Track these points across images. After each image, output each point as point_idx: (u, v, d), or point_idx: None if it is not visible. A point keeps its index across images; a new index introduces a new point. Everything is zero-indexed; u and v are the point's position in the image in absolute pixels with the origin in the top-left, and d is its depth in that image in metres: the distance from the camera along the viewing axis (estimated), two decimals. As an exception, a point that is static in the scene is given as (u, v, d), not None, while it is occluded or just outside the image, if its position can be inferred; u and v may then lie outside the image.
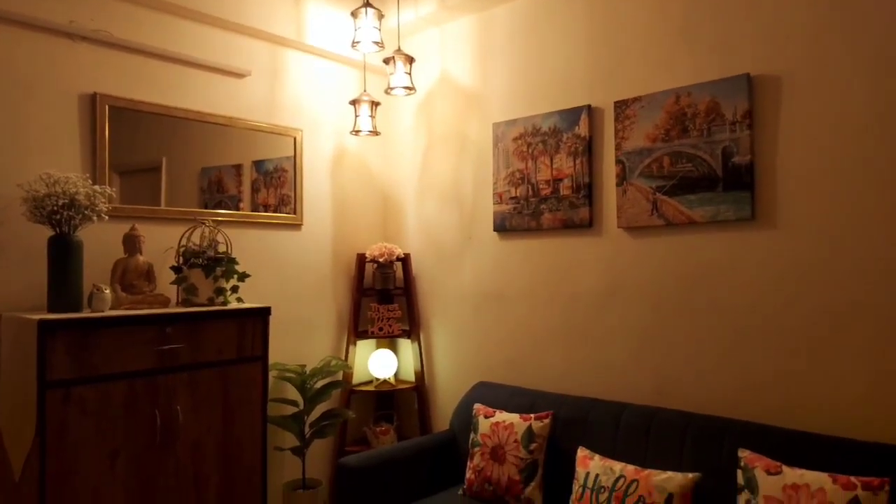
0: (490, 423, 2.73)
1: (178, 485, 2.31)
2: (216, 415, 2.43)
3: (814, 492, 1.85)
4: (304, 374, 2.95)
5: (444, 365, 3.41)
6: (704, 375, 2.47)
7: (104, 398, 2.13)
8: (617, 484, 2.26)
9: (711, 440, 2.26)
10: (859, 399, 2.12)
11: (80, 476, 2.07)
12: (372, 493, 2.62)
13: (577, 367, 2.87)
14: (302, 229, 3.25)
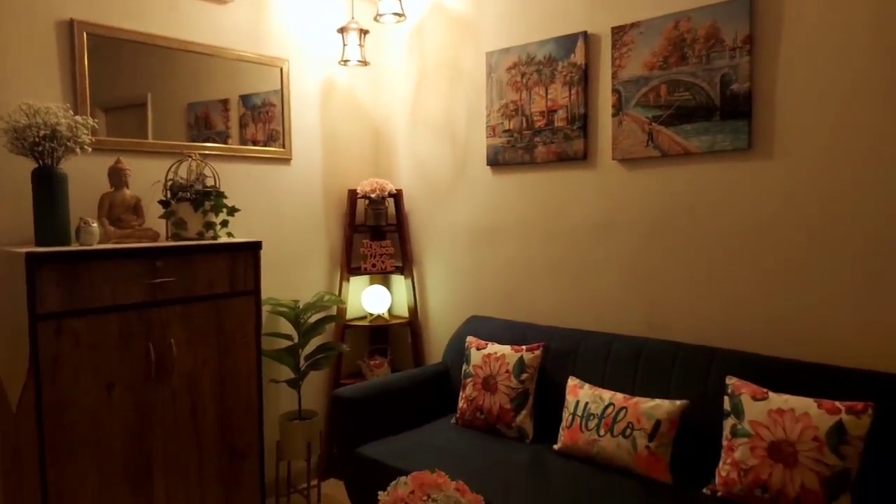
0: (482, 355, 2.77)
1: (175, 416, 2.34)
2: (210, 348, 2.44)
3: (799, 416, 1.89)
4: (298, 309, 2.96)
5: (437, 300, 3.43)
6: (695, 307, 2.49)
7: (97, 331, 2.13)
8: (606, 411, 2.31)
9: (699, 369, 2.29)
10: (847, 327, 2.14)
11: (78, 406, 2.09)
12: (366, 422, 2.68)
13: (568, 300, 2.89)
14: (291, 164, 3.20)
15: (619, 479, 2.19)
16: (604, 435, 2.28)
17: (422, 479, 1.60)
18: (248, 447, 2.57)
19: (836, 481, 1.78)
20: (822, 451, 1.81)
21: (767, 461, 1.89)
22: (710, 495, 2.05)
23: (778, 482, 1.85)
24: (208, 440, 2.44)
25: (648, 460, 2.17)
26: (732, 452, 1.99)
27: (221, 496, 2.48)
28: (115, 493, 2.18)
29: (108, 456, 2.16)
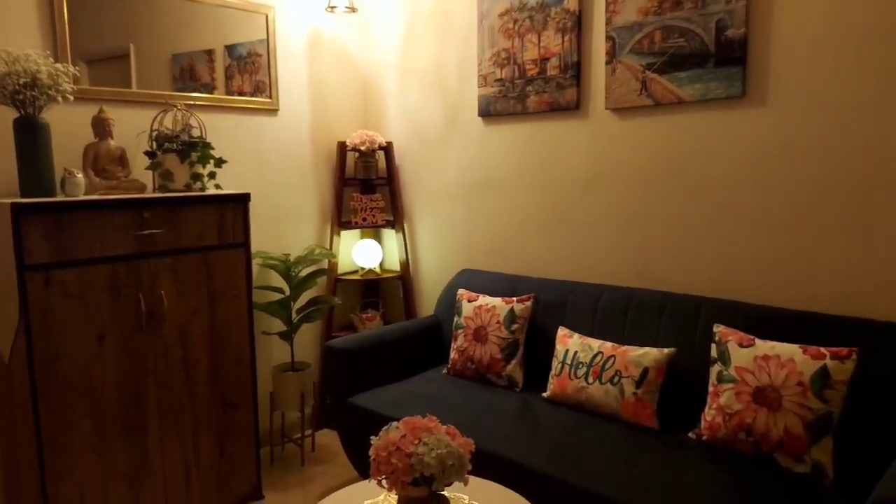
0: (473, 307, 2.79)
1: (167, 366, 2.35)
2: (201, 300, 2.44)
3: (784, 361, 1.92)
4: (289, 262, 2.96)
5: (428, 254, 3.43)
6: (685, 257, 2.50)
7: (86, 282, 2.12)
8: (594, 360, 2.34)
9: (687, 317, 2.32)
10: (835, 275, 2.16)
11: (70, 357, 2.09)
12: (359, 373, 2.70)
13: (559, 252, 2.89)
14: (278, 115, 3.14)
15: (607, 424, 2.23)
16: (592, 382, 2.31)
17: (413, 423, 1.62)
18: (241, 397, 2.59)
19: (818, 424, 1.82)
20: (806, 396, 1.85)
21: (752, 406, 1.93)
22: (695, 439, 2.10)
23: (762, 426, 1.90)
24: (201, 390, 2.46)
25: (635, 406, 2.21)
26: (718, 398, 2.03)
27: (216, 445, 2.52)
28: (109, 443, 2.21)
29: (101, 406, 2.18)
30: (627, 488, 1.80)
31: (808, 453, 1.83)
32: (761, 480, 1.82)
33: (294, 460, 3.07)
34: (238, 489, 2.62)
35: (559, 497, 1.90)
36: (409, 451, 1.53)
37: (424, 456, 1.51)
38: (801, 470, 1.85)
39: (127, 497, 2.27)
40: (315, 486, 2.81)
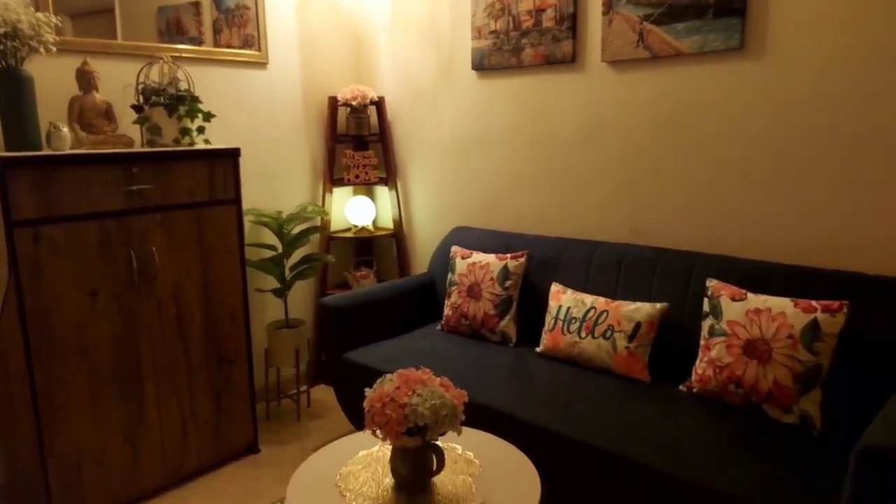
0: (467, 264, 2.78)
1: (161, 323, 2.35)
2: (193, 257, 2.43)
3: (775, 315, 1.93)
4: (281, 220, 2.93)
5: (421, 211, 3.41)
6: (679, 213, 2.50)
7: (76, 238, 2.10)
8: (588, 315, 2.36)
9: (681, 273, 2.32)
10: (830, 230, 2.16)
11: (61, 313, 2.09)
12: (353, 330, 2.71)
13: (553, 209, 2.88)
14: (268, 69, 3.07)
15: (599, 377, 2.25)
16: (585, 337, 2.33)
17: (407, 375, 1.63)
18: (236, 353, 2.60)
19: (807, 376, 1.85)
20: (796, 348, 1.86)
21: (742, 358, 1.95)
22: (685, 392, 2.13)
23: (752, 378, 1.92)
24: (196, 347, 2.47)
25: (627, 360, 2.23)
26: (709, 351, 2.05)
27: (212, 400, 2.54)
28: (104, 398, 2.22)
29: (95, 362, 2.18)
30: (617, 439, 1.83)
31: (796, 404, 1.86)
32: (750, 430, 1.85)
33: (290, 415, 3.10)
34: (235, 443, 2.65)
35: (551, 448, 1.93)
36: (403, 402, 1.54)
37: (418, 406, 1.52)
38: (789, 420, 1.88)
39: (125, 451, 2.29)
40: (311, 439, 2.85)
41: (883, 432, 1.44)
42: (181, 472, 2.48)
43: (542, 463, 1.93)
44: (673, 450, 1.76)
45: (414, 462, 1.57)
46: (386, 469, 1.68)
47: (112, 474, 2.27)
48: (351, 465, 1.71)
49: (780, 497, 1.54)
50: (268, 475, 2.55)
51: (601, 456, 1.81)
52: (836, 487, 1.57)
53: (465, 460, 1.71)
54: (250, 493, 2.43)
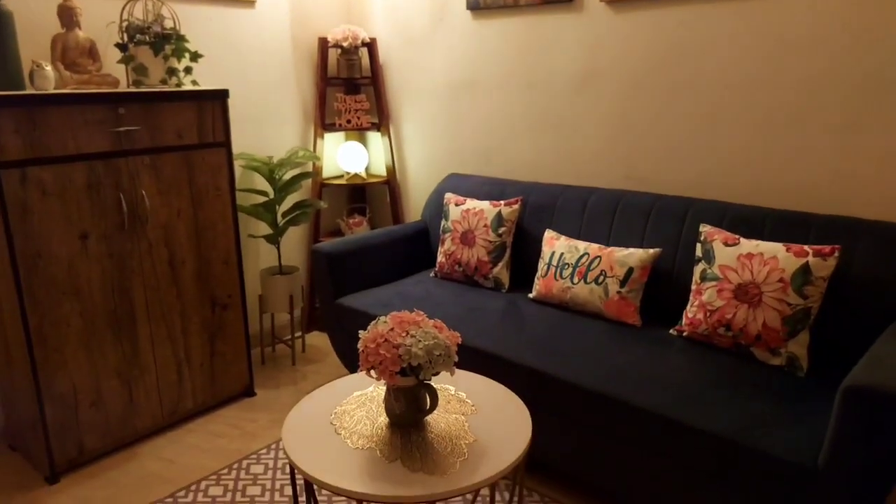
0: (461, 211, 2.77)
1: (153, 266, 2.34)
2: (184, 200, 2.40)
3: (767, 259, 1.94)
4: (272, 164, 2.89)
5: (415, 158, 3.37)
6: (674, 158, 2.48)
7: (64, 180, 2.07)
8: (580, 260, 2.36)
9: (674, 218, 2.32)
10: (824, 174, 2.15)
11: (52, 256, 2.07)
12: (347, 276, 2.72)
13: (548, 155, 2.85)
14: (256, 7, 2.97)
15: (590, 322, 2.28)
16: (577, 283, 2.34)
17: (401, 317, 1.64)
18: (229, 298, 2.61)
19: (796, 319, 1.87)
20: (787, 292, 1.88)
21: (733, 302, 1.97)
22: (675, 335, 2.16)
23: (741, 321, 1.94)
24: (189, 291, 2.47)
25: (619, 305, 2.25)
26: (700, 295, 2.07)
27: (206, 344, 2.56)
28: (99, 340, 2.23)
29: (89, 304, 2.18)
30: (607, 379, 1.86)
31: (784, 346, 1.89)
32: (737, 372, 1.89)
33: (285, 360, 3.14)
34: (231, 386, 2.68)
35: (542, 389, 1.96)
36: (397, 342, 1.55)
37: (412, 347, 1.53)
38: (776, 362, 1.91)
39: (121, 392, 2.32)
40: (306, 383, 2.89)
41: (868, 372, 1.46)
42: (178, 414, 2.52)
43: (533, 403, 1.97)
44: (661, 390, 1.79)
45: (408, 401, 1.60)
46: (380, 408, 1.71)
47: (109, 415, 2.30)
48: (345, 404, 1.74)
49: (765, 435, 1.58)
50: (264, 417, 2.60)
51: (591, 396, 1.85)
52: (820, 426, 1.61)
53: (458, 400, 1.74)
54: (247, 434, 2.47)
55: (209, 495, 2.10)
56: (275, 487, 2.13)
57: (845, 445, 1.44)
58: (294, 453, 1.51)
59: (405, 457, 1.49)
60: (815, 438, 1.56)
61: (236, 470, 2.23)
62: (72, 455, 2.22)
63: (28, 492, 2.15)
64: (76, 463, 2.25)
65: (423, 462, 1.47)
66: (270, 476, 2.19)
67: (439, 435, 1.57)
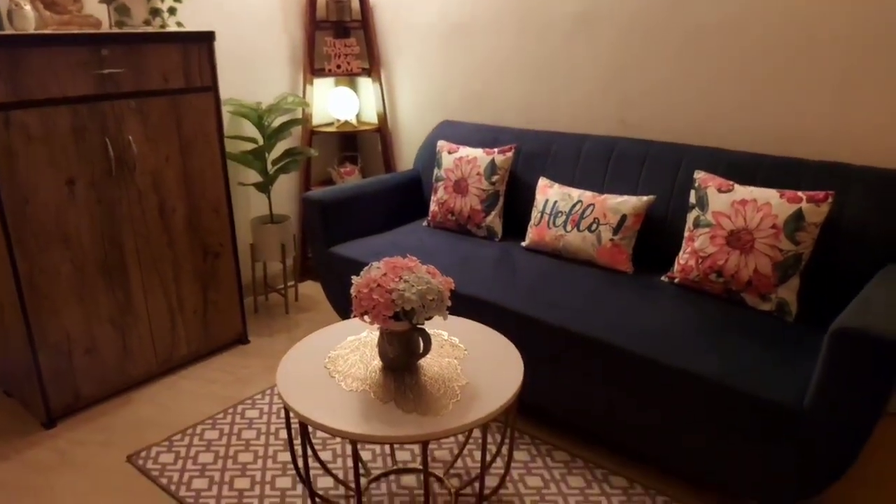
0: (454, 159, 2.74)
1: (143, 214, 2.32)
2: (172, 147, 2.35)
3: (760, 205, 1.94)
4: (261, 110, 2.84)
5: (407, 105, 3.31)
6: (669, 104, 2.44)
7: (48, 125, 2.02)
8: (574, 208, 2.35)
9: (669, 165, 2.30)
10: (818, 120, 2.13)
11: (40, 202, 2.04)
12: (339, 224, 2.70)
13: (542, 101, 2.80)
14: (242, -55, 2.87)
15: (582, 269, 2.29)
16: (570, 230, 2.34)
17: (394, 263, 1.64)
18: (221, 246, 2.59)
19: (787, 265, 1.88)
20: (779, 238, 1.89)
21: (725, 248, 1.97)
22: (667, 282, 2.17)
23: (733, 267, 1.95)
24: (180, 239, 2.45)
25: (611, 252, 2.25)
26: (693, 242, 2.07)
27: (199, 292, 2.55)
28: (91, 288, 2.22)
29: (79, 252, 2.16)
30: (598, 325, 1.88)
31: (774, 292, 1.90)
32: (727, 317, 1.91)
33: (278, 309, 3.15)
34: (224, 334, 2.69)
35: (534, 335, 1.98)
36: (390, 287, 1.55)
37: (405, 291, 1.54)
38: (765, 308, 1.93)
39: (114, 340, 2.32)
40: (300, 331, 2.91)
41: (857, 315, 1.48)
42: (172, 361, 2.53)
43: (525, 349, 1.99)
44: (650, 334, 1.81)
45: (401, 345, 1.61)
46: (374, 353, 1.72)
47: (103, 362, 2.31)
48: (339, 349, 1.75)
49: (753, 377, 1.61)
50: (258, 364, 2.62)
51: (582, 341, 1.86)
52: (807, 369, 1.64)
53: (451, 345, 1.76)
54: (241, 379, 2.50)
55: (205, 439, 2.13)
56: (270, 431, 2.16)
57: (831, 387, 1.47)
58: (289, 396, 1.52)
59: (399, 399, 1.51)
60: (802, 381, 1.59)
61: (231, 414, 2.26)
62: (68, 401, 2.24)
63: (25, 436, 2.18)
64: (72, 408, 2.27)
65: (416, 403, 1.49)
66: (265, 420, 2.22)
67: (432, 378, 1.59)
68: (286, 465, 2.00)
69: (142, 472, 1.98)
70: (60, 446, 2.12)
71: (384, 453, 2.05)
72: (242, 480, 1.93)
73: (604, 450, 2.06)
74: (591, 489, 1.88)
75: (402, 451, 2.06)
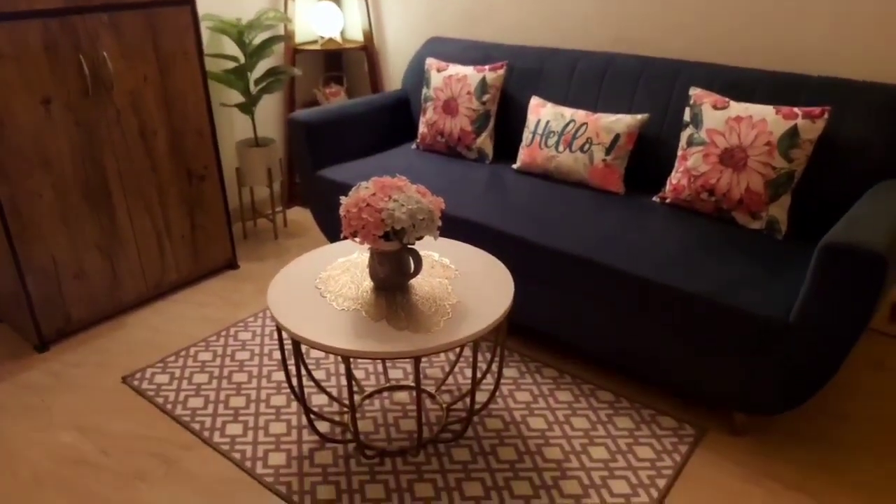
0: (443, 77, 2.66)
1: (123, 136, 2.25)
2: (150, 65, 2.26)
3: (755, 122, 1.90)
4: (241, 27, 2.71)
5: (393, 21, 3.18)
6: (666, 18, 2.36)
7: (18, 41, 1.91)
8: (566, 128, 2.31)
9: (664, 82, 2.25)
10: (818, 34, 2.07)
11: (16, 124, 1.96)
12: (325, 147, 2.64)
13: (534, 15, 2.70)
14: None
15: (574, 190, 2.27)
16: (562, 151, 2.30)
17: (383, 182, 1.61)
18: (206, 169, 2.53)
19: (779, 182, 1.87)
20: (772, 155, 1.86)
21: (718, 167, 1.95)
22: (658, 202, 2.16)
23: (724, 186, 1.94)
24: (163, 162, 2.39)
25: (603, 172, 2.23)
26: (685, 161, 2.05)
27: (186, 216, 2.52)
28: (75, 212, 2.18)
29: (60, 175, 2.11)
30: (588, 245, 1.88)
31: (765, 210, 1.90)
32: (717, 235, 1.91)
33: (267, 234, 3.12)
34: (213, 259, 2.68)
35: (526, 256, 1.98)
36: (380, 207, 1.53)
37: (395, 211, 1.51)
38: (755, 226, 1.93)
39: (103, 265, 2.30)
40: (290, 255, 2.90)
41: (846, 231, 1.48)
42: (162, 286, 2.52)
43: (516, 270, 2.00)
44: (640, 253, 1.82)
45: (392, 265, 1.60)
46: (364, 273, 1.72)
47: (93, 287, 2.30)
48: (330, 270, 1.74)
49: (741, 293, 1.63)
50: (249, 288, 2.62)
51: (573, 261, 1.87)
52: (794, 284, 1.65)
53: (442, 265, 1.75)
54: (233, 303, 2.51)
55: (198, 360, 2.15)
56: (263, 352, 2.19)
57: (819, 302, 1.49)
58: (281, 315, 1.52)
59: (390, 316, 1.51)
60: (789, 295, 1.61)
61: (224, 337, 2.28)
62: (59, 325, 2.24)
63: (19, 359, 2.19)
64: (64, 332, 2.28)
65: (408, 321, 1.50)
66: (258, 342, 2.25)
67: (423, 297, 1.60)
68: (280, 384, 2.03)
69: (137, 392, 2.01)
70: (55, 368, 2.14)
71: (377, 371, 2.09)
72: (237, 399, 1.97)
73: (591, 366, 2.11)
74: (578, 403, 1.93)
75: (394, 369, 2.10)
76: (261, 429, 1.85)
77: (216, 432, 1.83)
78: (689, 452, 1.74)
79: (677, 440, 1.78)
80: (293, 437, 1.81)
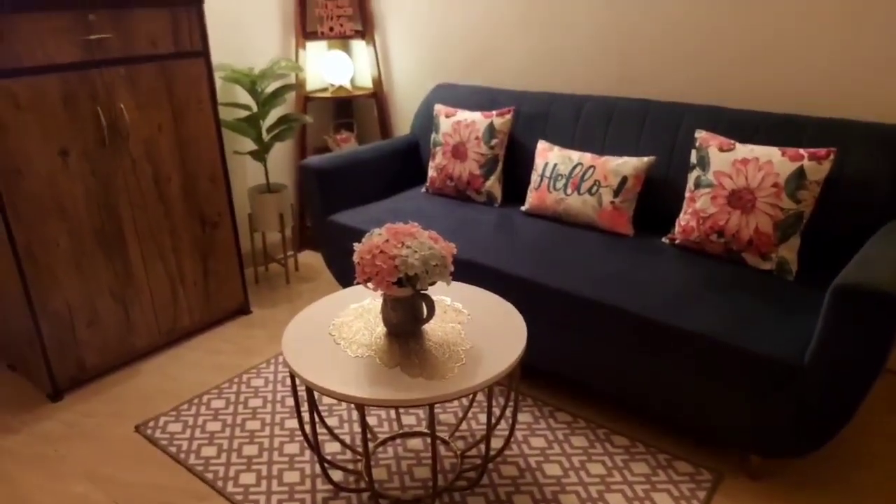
0: (451, 123, 2.71)
1: (138, 183, 2.29)
2: (165, 113, 2.31)
3: (762, 164, 1.93)
4: (254, 76, 2.78)
5: (401, 68, 3.26)
6: (669, 60, 2.41)
7: (37, 94, 1.97)
8: (574, 171, 2.34)
9: (669, 125, 2.28)
10: (821, 76, 2.11)
11: (33, 173, 2.01)
12: (337, 192, 2.68)
13: (540, 60, 2.76)
14: None
15: (583, 233, 2.28)
16: (570, 194, 2.32)
17: (396, 229, 1.63)
18: (219, 216, 2.57)
19: (788, 223, 1.88)
20: (780, 197, 1.88)
21: (726, 208, 1.97)
22: (668, 244, 2.17)
23: (734, 227, 1.95)
24: (177, 209, 2.43)
25: (612, 215, 2.25)
26: (694, 203, 2.06)
27: (199, 262, 2.54)
28: (90, 259, 2.20)
29: (76, 223, 2.14)
30: (599, 287, 1.89)
31: (775, 251, 1.91)
32: (727, 276, 1.91)
33: (279, 279, 3.14)
34: (226, 304, 2.69)
35: (536, 298, 1.98)
36: (393, 253, 1.54)
37: (408, 257, 1.53)
38: (766, 267, 1.94)
39: (116, 311, 2.32)
40: (302, 301, 2.91)
41: (858, 271, 1.49)
42: (175, 332, 2.53)
43: (527, 313, 2.00)
44: (650, 294, 1.82)
45: (405, 311, 1.61)
46: (378, 319, 1.73)
47: (107, 334, 2.31)
48: (343, 316, 1.75)
49: (753, 334, 1.62)
50: (262, 334, 2.63)
51: (583, 303, 1.87)
52: (807, 326, 1.65)
53: (454, 310, 1.76)
54: (246, 350, 2.51)
55: (212, 408, 2.15)
56: (276, 399, 2.18)
57: (832, 343, 1.48)
58: (295, 362, 1.53)
59: (405, 363, 1.52)
60: (802, 337, 1.60)
61: (237, 384, 2.27)
62: (73, 373, 2.24)
63: (33, 409, 2.19)
64: (78, 380, 2.28)
65: (422, 368, 1.50)
66: (271, 389, 2.24)
67: (437, 343, 1.60)
68: (293, 432, 2.02)
69: (151, 442, 2.00)
70: (68, 418, 2.13)
71: (389, 418, 2.08)
72: (251, 447, 1.96)
73: (606, 410, 2.09)
74: (593, 448, 1.91)
75: (406, 415, 2.09)
76: (274, 478, 1.83)
77: (230, 482, 1.82)
78: (707, 499, 1.71)
79: (695, 486, 1.75)
80: (307, 487, 1.80)
